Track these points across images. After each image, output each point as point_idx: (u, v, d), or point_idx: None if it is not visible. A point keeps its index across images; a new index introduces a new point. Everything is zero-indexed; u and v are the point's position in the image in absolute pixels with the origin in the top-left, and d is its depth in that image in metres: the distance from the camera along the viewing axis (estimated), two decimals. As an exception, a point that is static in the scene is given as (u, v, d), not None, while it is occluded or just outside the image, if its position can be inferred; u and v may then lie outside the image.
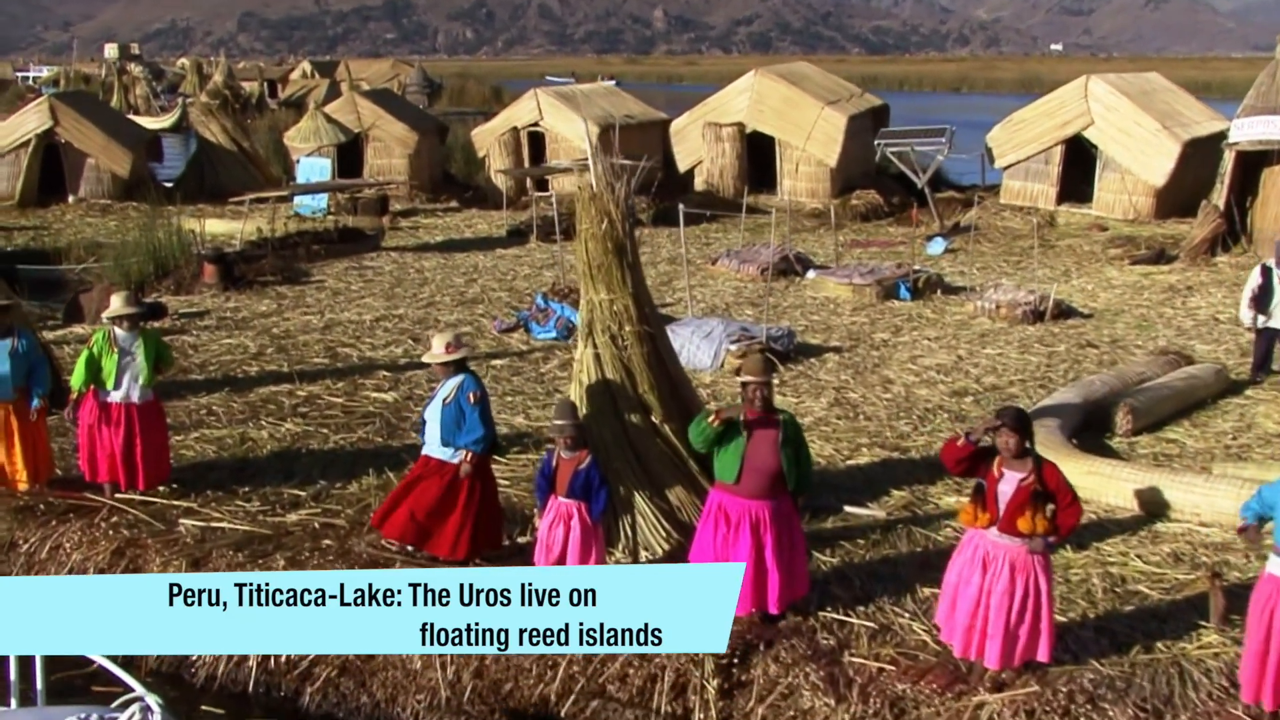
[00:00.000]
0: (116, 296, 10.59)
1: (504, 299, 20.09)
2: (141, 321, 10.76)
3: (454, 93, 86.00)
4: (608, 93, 35.16)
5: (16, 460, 10.63)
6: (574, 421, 9.15)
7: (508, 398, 14.26)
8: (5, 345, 10.54)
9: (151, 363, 10.53)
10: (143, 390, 10.53)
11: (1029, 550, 7.60)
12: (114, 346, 10.46)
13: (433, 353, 9.59)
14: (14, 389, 10.57)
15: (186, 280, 20.89)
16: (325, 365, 15.67)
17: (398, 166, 33.49)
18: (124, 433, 10.46)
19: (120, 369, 10.43)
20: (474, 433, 9.44)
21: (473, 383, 9.58)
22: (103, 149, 31.27)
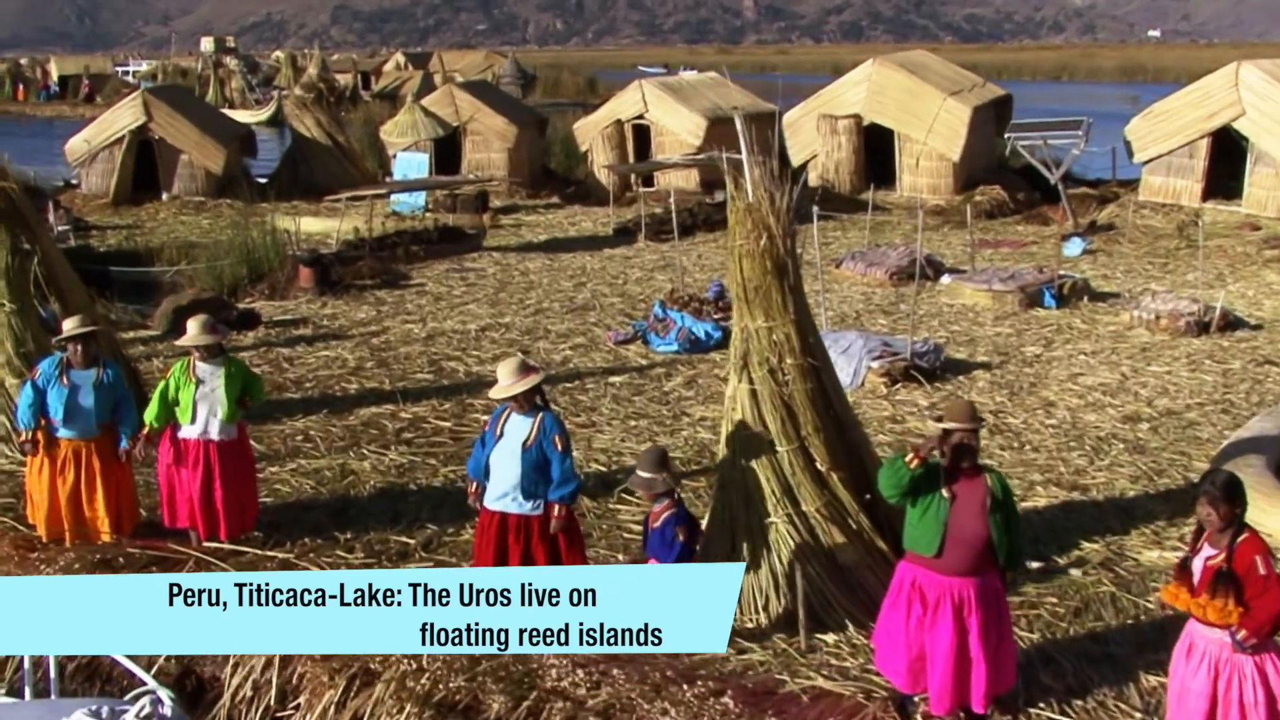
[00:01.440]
0: (193, 323, 9.39)
1: (617, 306, 18.75)
2: (224, 349, 9.55)
3: (548, 84, 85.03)
4: (714, 83, 33.66)
5: (98, 507, 9.45)
6: (659, 474, 7.87)
7: (631, 421, 12.92)
8: (89, 376, 9.39)
9: (234, 395, 9.31)
10: (223, 426, 9.31)
11: (1233, 649, 6.18)
12: (192, 376, 9.28)
13: (503, 386, 8.21)
14: (98, 425, 9.42)
15: (281, 284, 19.82)
16: (429, 382, 14.43)
17: (496, 161, 32.31)
18: (202, 474, 9.27)
19: (197, 402, 9.24)
20: (568, 484, 8.14)
21: (555, 422, 8.27)
22: (196, 145, 30.42)
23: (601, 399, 13.72)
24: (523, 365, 8.23)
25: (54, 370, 9.35)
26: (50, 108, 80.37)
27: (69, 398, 9.27)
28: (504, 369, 8.22)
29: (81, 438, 9.37)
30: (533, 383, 8.15)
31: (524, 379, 8.14)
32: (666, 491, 7.91)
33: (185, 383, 9.28)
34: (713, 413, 13.25)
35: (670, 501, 7.92)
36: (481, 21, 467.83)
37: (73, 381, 9.31)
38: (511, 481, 8.13)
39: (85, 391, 9.31)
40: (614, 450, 11.95)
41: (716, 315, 16.60)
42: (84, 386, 9.32)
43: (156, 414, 9.30)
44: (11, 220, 11.30)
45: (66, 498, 9.36)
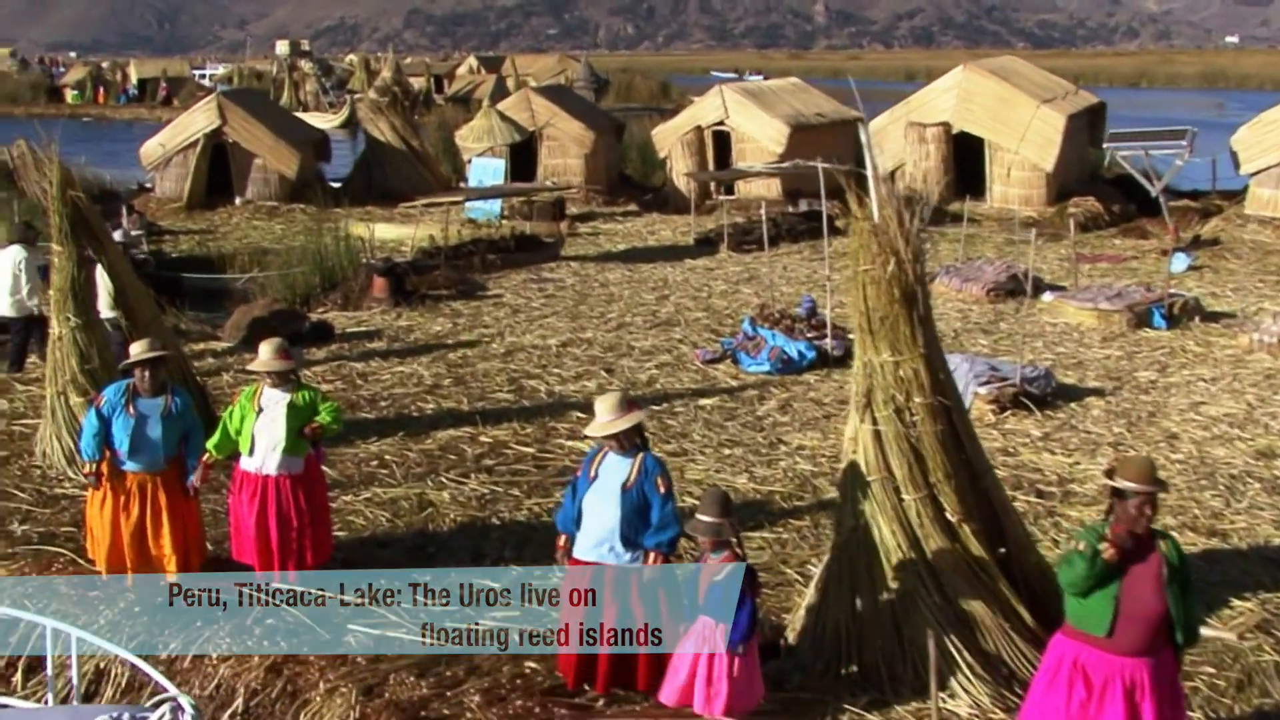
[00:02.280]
0: (266, 346, 8.66)
1: (702, 321, 17.96)
2: (296, 376, 8.83)
3: (621, 88, 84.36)
4: (795, 89, 32.79)
5: (164, 544, 8.75)
6: (722, 519, 7.02)
7: (725, 450, 12.12)
8: (158, 405, 8.69)
9: (296, 427, 8.55)
10: (283, 460, 8.57)
11: None
12: (256, 404, 8.60)
13: (602, 424, 7.37)
14: (165, 459, 8.72)
15: (355, 294, 19.22)
16: (510, 402, 13.70)
17: (573, 167, 31.62)
18: (258, 510, 8.56)
19: (256, 433, 8.55)
20: (668, 530, 7.29)
21: (657, 462, 7.44)
22: (270, 149, 29.99)
23: (692, 424, 12.93)
24: (624, 401, 7.44)
25: (120, 398, 8.67)
26: (129, 110, 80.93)
27: (135, 428, 8.59)
28: (603, 405, 7.43)
29: (148, 471, 8.69)
30: (634, 421, 7.37)
31: (625, 416, 7.35)
32: (728, 541, 7.09)
33: (249, 410, 8.61)
34: (811, 441, 12.45)
35: (732, 552, 7.09)
36: (552, 26, 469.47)
37: (139, 411, 8.63)
38: (609, 527, 7.35)
39: (153, 422, 8.63)
40: (708, 483, 11.14)
41: (810, 334, 15.76)
42: (151, 416, 8.64)
43: (218, 442, 8.66)
44: (78, 230, 10.70)
45: (130, 534, 8.68)
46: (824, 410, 13.57)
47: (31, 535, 9.58)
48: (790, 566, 9.41)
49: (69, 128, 65.11)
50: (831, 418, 13.27)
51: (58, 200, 10.49)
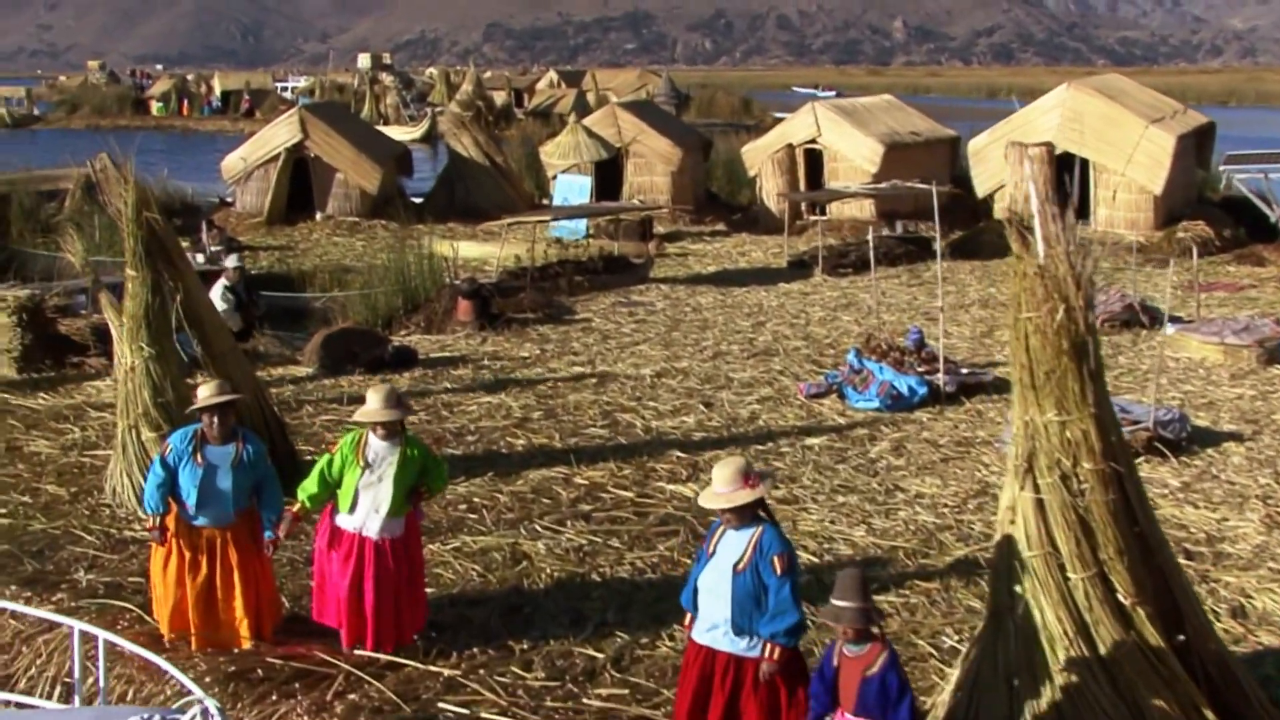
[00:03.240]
0: (375, 394, 7.82)
1: (802, 350, 17.05)
2: (405, 427, 8.01)
3: (702, 103, 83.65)
4: (889, 106, 31.79)
5: (235, 607, 7.94)
6: (865, 604, 6.09)
7: (838, 497, 11.21)
8: (228, 454, 7.91)
9: (406, 486, 7.77)
10: (386, 523, 7.77)
11: None
12: (361, 457, 7.78)
13: (717, 494, 6.49)
14: (236, 512, 7.94)
15: (438, 316, 18.53)
16: (604, 439, 12.88)
17: (659, 185, 30.83)
18: (353, 573, 7.75)
19: (360, 490, 7.73)
20: (786, 618, 6.39)
21: (777, 538, 6.49)
22: (352, 164, 29.47)
23: (801, 467, 12.04)
24: (744, 471, 6.54)
25: (187, 446, 7.90)
26: (212, 122, 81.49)
27: (204, 479, 7.82)
28: (720, 473, 6.55)
29: (217, 525, 7.91)
30: (753, 497, 6.48)
31: (743, 489, 6.47)
32: (874, 627, 6.19)
33: (352, 463, 7.78)
34: (930, 488, 11.52)
35: (881, 643, 6.18)
36: (630, 40, 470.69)
37: (208, 460, 7.86)
38: (721, 612, 6.48)
39: (222, 472, 7.86)
40: (824, 535, 10.26)
41: (921, 368, 14.81)
42: (221, 466, 7.86)
43: (313, 494, 7.86)
44: (154, 254, 10.03)
45: (197, 594, 7.90)
46: (940, 452, 12.63)
47: (98, 586, 8.88)
48: (922, 637, 8.50)
49: (152, 140, 65.67)
50: (950, 461, 12.34)
51: (132, 222, 9.82)
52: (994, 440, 12.92)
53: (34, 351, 15.28)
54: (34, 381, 14.88)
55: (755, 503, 6.52)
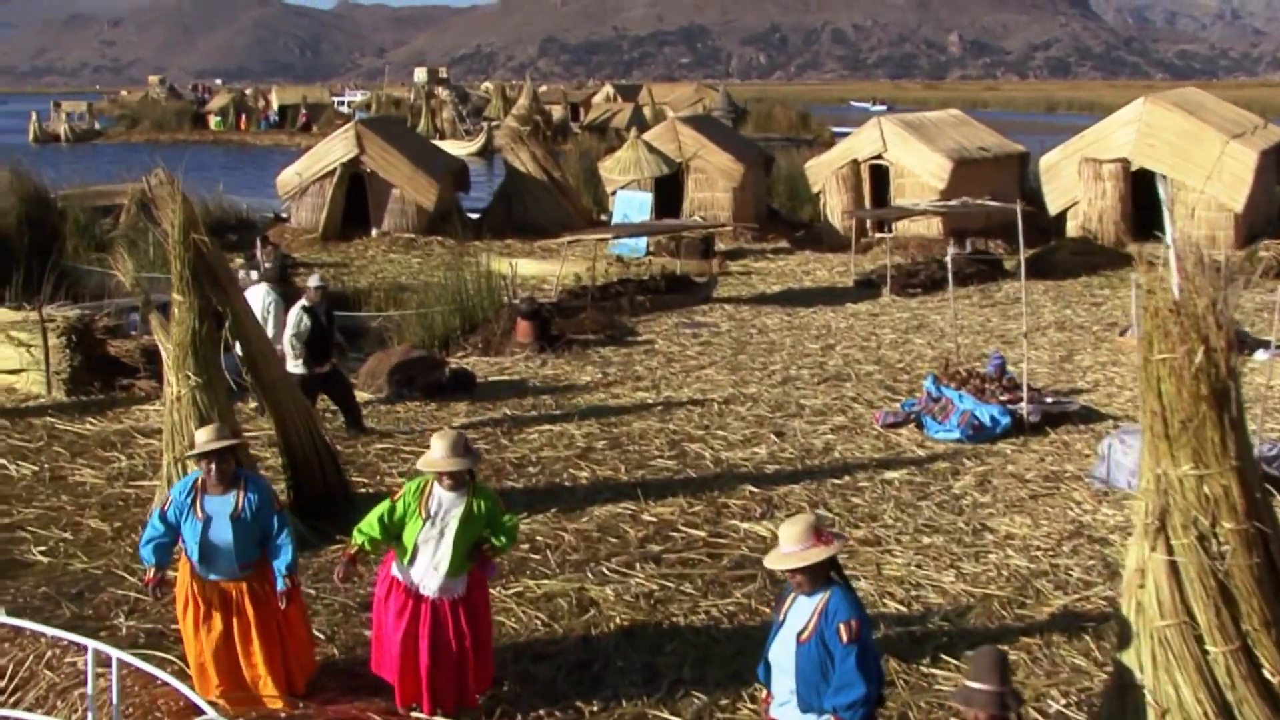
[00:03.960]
0: (440, 441, 7.11)
1: (874, 375, 16.33)
2: (474, 476, 7.33)
3: (759, 118, 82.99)
4: (956, 121, 31.01)
5: (257, 664, 7.28)
6: (1003, 689, 5.33)
7: (923, 537, 10.49)
8: (226, 504, 7.15)
9: (468, 542, 7.12)
10: (446, 583, 7.13)
11: None
12: (423, 507, 7.15)
13: (784, 552, 5.76)
14: (242, 567, 7.23)
15: (496, 337, 17.98)
16: (672, 471, 12.23)
17: (720, 201, 30.19)
18: (406, 631, 7.11)
19: (420, 544, 7.10)
20: (850, 691, 5.58)
21: (845, 601, 5.72)
22: (408, 179, 29.03)
23: (882, 504, 11.33)
24: (812, 529, 5.81)
25: (186, 498, 7.19)
26: (269, 136, 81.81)
27: (204, 533, 7.09)
28: (789, 531, 5.82)
29: (228, 579, 7.24)
30: (825, 555, 5.77)
31: (815, 546, 5.75)
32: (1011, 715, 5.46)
33: (414, 513, 7.14)
34: (1021, 528, 10.77)
35: None
36: (685, 55, 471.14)
37: (206, 512, 7.14)
38: (788, 686, 5.79)
39: (221, 525, 7.11)
40: (911, 581, 9.55)
41: (1003, 397, 14.06)
42: (218, 518, 7.12)
43: (371, 539, 7.24)
44: (201, 278, 9.48)
45: (214, 651, 7.23)
46: (1028, 488, 11.88)
47: (138, 634, 8.31)
48: (1025, 700, 7.77)
49: (210, 154, 65.89)
50: (1039, 498, 11.60)
51: (179, 244, 9.28)
52: (1085, 475, 12.18)
53: (83, 373, 14.86)
54: (82, 405, 14.45)
55: (827, 563, 5.83)
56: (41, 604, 8.79)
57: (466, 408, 14.53)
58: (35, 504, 10.91)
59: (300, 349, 12.96)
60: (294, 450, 10.44)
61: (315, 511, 10.41)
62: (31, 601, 8.90)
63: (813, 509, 11.05)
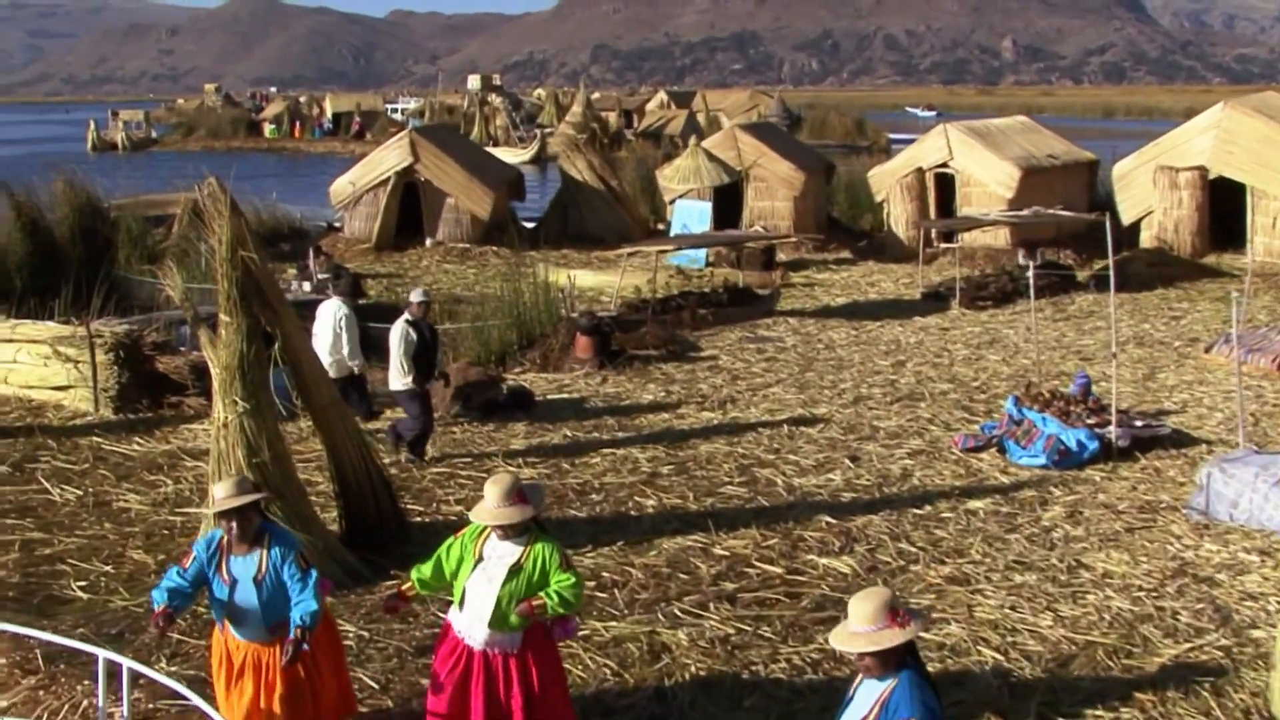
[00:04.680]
0: (492, 488, 6.50)
1: (950, 395, 15.61)
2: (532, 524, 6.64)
3: (814, 124, 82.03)
4: (1024, 128, 30.15)
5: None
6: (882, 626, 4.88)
7: (1014, 575, 9.79)
8: (250, 566, 6.52)
9: (517, 596, 6.46)
10: (493, 636, 6.50)
11: None
12: (477, 550, 6.57)
13: (854, 631, 5.13)
14: (268, 629, 6.56)
15: (555, 353, 17.39)
16: (743, 499, 11.59)
17: (780, 210, 29.50)
18: (457, 685, 6.51)
19: (469, 589, 6.51)
20: None
21: (910, 696, 5.01)
22: (463, 188, 28.54)
23: (968, 537, 10.64)
24: (888, 607, 5.11)
25: (210, 555, 6.61)
26: (322, 144, 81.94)
27: (230, 596, 6.53)
28: (861, 608, 5.15)
29: (259, 642, 6.61)
30: (900, 639, 5.06)
31: (889, 627, 5.07)
32: None
33: (469, 556, 6.56)
34: (1119, 565, 10.06)
35: None
36: (737, 61, 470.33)
37: (232, 574, 6.54)
38: None
39: (245, 588, 6.50)
40: (1005, 626, 8.85)
41: (1090, 420, 13.31)
42: (243, 581, 6.52)
43: (424, 580, 6.69)
44: (250, 297, 8.95)
45: (245, 716, 6.61)
46: (1122, 520, 11.14)
47: (180, 679, 7.74)
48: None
49: (264, 162, 65.92)
50: (1135, 532, 10.87)
51: (227, 262, 8.74)
52: (1182, 506, 11.42)
53: (131, 391, 14.42)
54: (130, 423, 14.00)
55: (900, 647, 5.16)
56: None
57: (525, 428, 13.95)
58: (78, 532, 10.42)
59: (408, 365, 12.45)
60: (346, 478, 9.89)
61: (368, 542, 9.87)
62: (69, 641, 8.37)
63: (894, 542, 10.40)
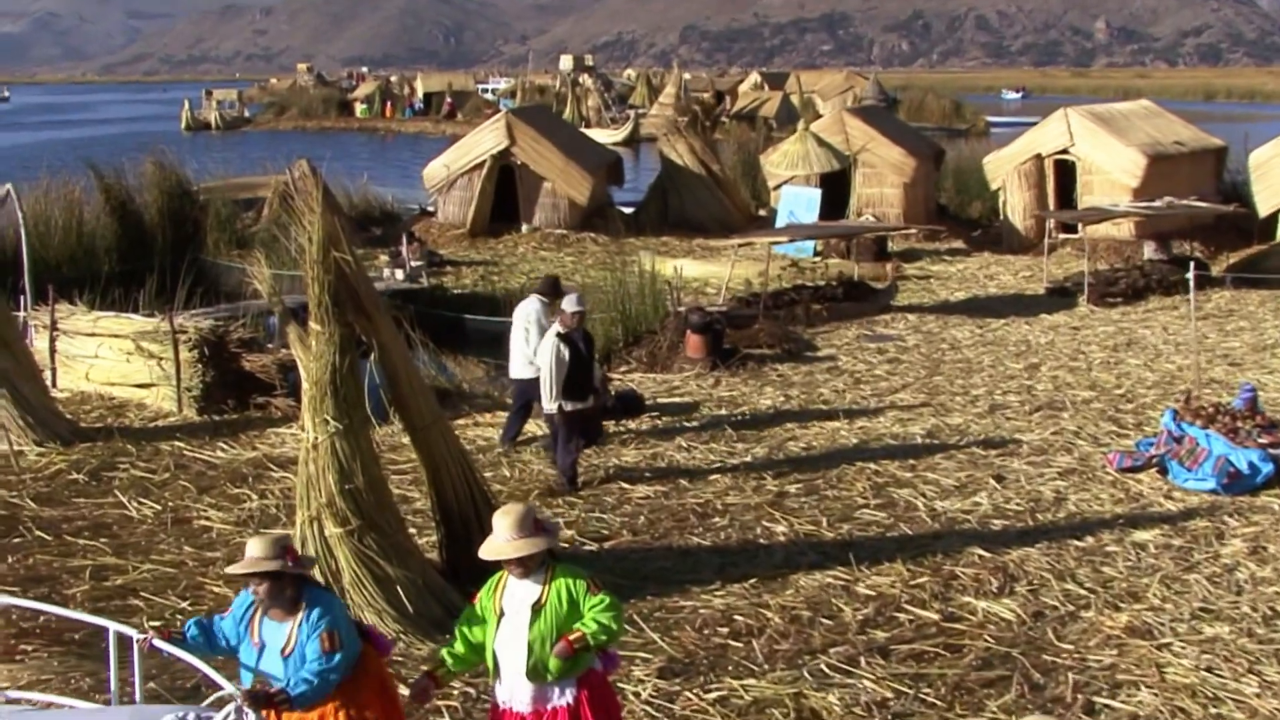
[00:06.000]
0: (502, 518, 5.57)
1: (1093, 404, 14.30)
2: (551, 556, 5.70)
3: (911, 107, 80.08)
4: (1148, 113, 28.49)
5: None
6: None
7: (1203, 626, 8.54)
8: (280, 635, 5.60)
9: (546, 639, 5.50)
10: (539, 691, 5.54)
11: None
12: (497, 603, 5.61)
13: None
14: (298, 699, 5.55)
15: (662, 351, 16.30)
16: (882, 525, 10.44)
17: (890, 197, 28.10)
18: None
19: (499, 650, 5.57)
20: None
21: None
22: (560, 172, 27.50)
23: (1142, 576, 9.40)
24: None
25: (245, 612, 5.74)
26: (414, 124, 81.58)
27: (256, 662, 5.65)
28: None
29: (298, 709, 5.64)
30: None
31: None
32: None
33: (490, 612, 5.63)
34: (1325, 617, 8.76)
35: None
36: (826, 42, 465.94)
37: (261, 638, 5.67)
38: None
39: (271, 658, 5.62)
40: (1204, 692, 7.63)
41: (1264, 439, 11.96)
42: (270, 649, 5.63)
43: (457, 654, 5.71)
44: (344, 303, 7.95)
45: None
46: None
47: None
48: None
49: (355, 142, 65.55)
50: (1331, 572, 9.56)
51: (318, 264, 7.74)
52: (1381, 542, 10.09)
53: (215, 390, 13.56)
54: (214, 426, 13.14)
55: None
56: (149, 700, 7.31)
57: (635, 437, 12.88)
58: (154, 557, 9.49)
59: (558, 388, 10.97)
60: (448, 503, 8.88)
61: (471, 575, 8.83)
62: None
63: (1058, 582, 9.20)
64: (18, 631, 8.04)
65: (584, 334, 11.37)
